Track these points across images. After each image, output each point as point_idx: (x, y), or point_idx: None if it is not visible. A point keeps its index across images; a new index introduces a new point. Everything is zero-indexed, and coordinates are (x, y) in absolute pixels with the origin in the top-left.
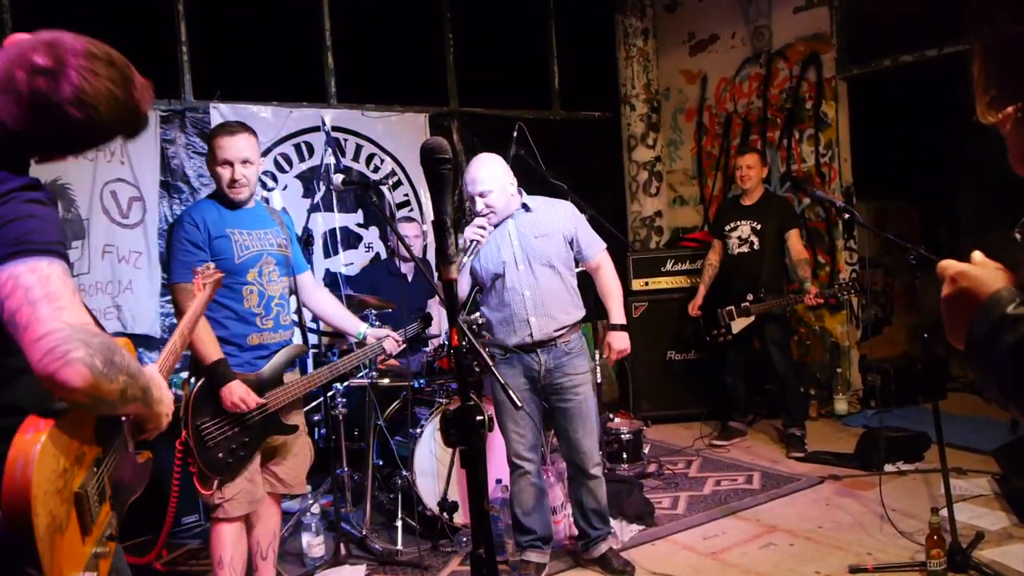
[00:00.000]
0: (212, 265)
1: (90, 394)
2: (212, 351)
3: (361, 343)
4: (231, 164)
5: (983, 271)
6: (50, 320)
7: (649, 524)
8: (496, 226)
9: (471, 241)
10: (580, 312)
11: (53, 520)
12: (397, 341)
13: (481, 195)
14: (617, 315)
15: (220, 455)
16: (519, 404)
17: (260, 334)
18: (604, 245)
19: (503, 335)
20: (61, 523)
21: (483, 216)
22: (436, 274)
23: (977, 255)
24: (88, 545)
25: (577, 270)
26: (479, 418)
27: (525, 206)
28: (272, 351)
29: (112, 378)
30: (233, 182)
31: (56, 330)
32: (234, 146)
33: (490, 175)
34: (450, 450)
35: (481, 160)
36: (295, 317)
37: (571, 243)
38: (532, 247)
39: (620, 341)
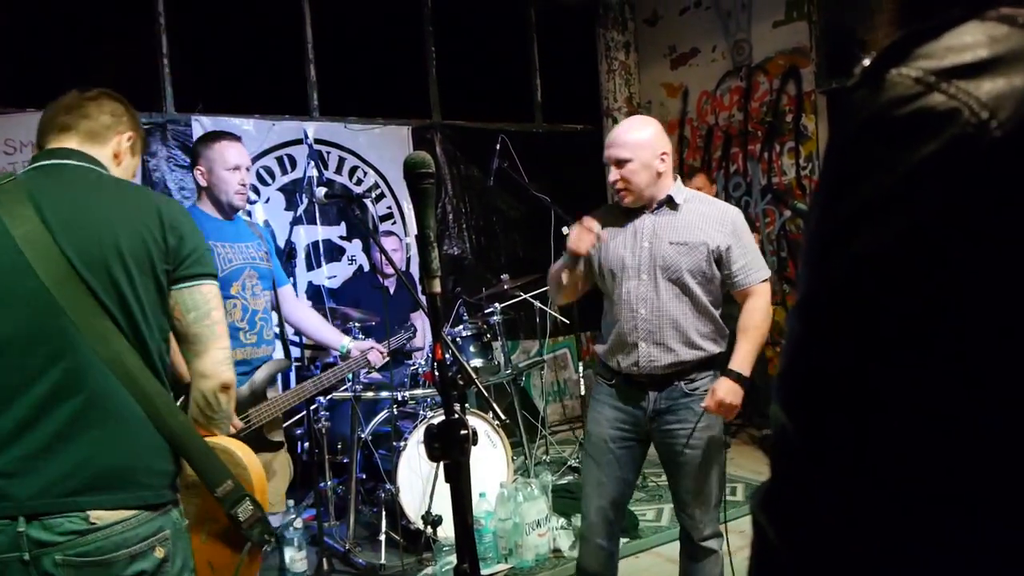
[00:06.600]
0: None
1: (229, 395)
2: None
3: (345, 356)
4: (239, 169)
5: None
6: (227, 336)
7: (633, 536)
8: (628, 214)
9: (570, 254)
10: (714, 347)
11: None
12: (381, 353)
13: (618, 163)
14: (740, 360)
15: None
16: (503, 418)
17: (244, 349)
18: (767, 274)
19: (610, 358)
20: None
21: (617, 188)
22: (420, 288)
23: None
24: None
25: None
26: (463, 432)
27: (671, 199)
28: (255, 366)
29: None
30: (242, 186)
31: (227, 345)
32: (241, 152)
33: (637, 141)
34: (434, 463)
35: (632, 121)
36: (277, 331)
37: (719, 260)
38: (664, 254)
39: (728, 393)
